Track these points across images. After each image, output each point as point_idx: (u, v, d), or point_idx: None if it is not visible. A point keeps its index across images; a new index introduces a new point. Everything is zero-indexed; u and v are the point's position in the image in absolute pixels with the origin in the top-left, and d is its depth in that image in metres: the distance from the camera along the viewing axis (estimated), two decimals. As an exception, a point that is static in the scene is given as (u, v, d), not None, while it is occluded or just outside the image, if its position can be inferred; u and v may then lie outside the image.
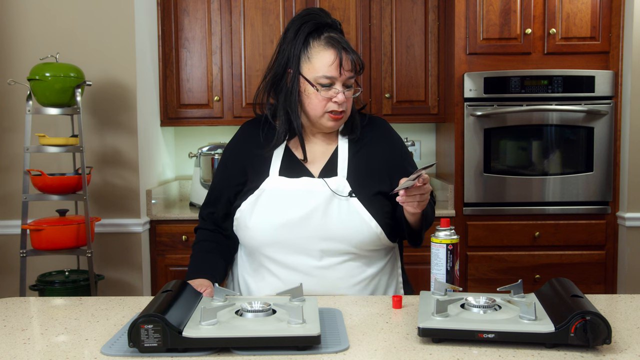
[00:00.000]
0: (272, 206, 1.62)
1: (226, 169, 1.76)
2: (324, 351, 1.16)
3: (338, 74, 1.60)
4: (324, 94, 1.61)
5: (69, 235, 2.66)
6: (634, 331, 1.28)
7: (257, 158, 1.70)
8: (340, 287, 1.63)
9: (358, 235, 1.61)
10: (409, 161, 1.79)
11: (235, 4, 3.41)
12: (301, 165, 1.68)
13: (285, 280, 1.62)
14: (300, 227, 1.60)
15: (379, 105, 3.45)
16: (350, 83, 1.64)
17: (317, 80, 1.61)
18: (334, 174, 1.66)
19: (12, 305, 1.53)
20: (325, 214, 1.60)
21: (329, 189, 1.61)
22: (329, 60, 1.60)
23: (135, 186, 3.06)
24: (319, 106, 1.63)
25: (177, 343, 1.14)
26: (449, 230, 1.55)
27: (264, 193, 1.64)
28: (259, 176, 1.67)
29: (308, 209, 1.60)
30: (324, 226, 1.59)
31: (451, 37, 3.25)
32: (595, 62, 3.17)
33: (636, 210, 3.15)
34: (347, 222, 1.60)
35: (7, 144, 3.04)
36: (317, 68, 1.60)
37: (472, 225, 3.18)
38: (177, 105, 3.46)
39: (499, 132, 3.17)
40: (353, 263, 1.64)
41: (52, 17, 3.00)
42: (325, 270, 1.62)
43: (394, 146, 1.76)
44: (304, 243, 1.60)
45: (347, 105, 1.65)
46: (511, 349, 1.17)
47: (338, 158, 1.68)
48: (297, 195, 1.62)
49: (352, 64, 1.62)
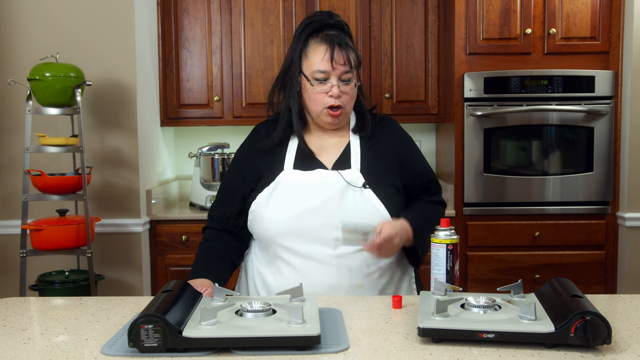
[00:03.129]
0: (287, 197, 1.66)
1: (240, 166, 1.80)
2: (324, 351, 1.16)
3: (330, 67, 1.65)
4: (319, 88, 1.66)
5: (69, 235, 2.66)
6: (634, 331, 1.28)
7: (270, 154, 1.75)
8: (356, 276, 1.65)
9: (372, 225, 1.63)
10: (420, 158, 1.84)
11: (235, 4, 3.41)
12: (315, 159, 1.72)
13: (301, 270, 1.64)
14: (315, 217, 1.63)
15: (379, 105, 3.45)
16: (347, 78, 1.67)
17: (312, 75, 1.67)
18: (347, 166, 1.71)
19: (12, 305, 1.53)
20: (340, 204, 1.64)
21: (343, 180, 1.66)
22: (322, 54, 1.66)
23: (135, 186, 3.06)
24: (317, 101, 1.68)
25: (177, 343, 1.14)
26: (449, 230, 1.55)
27: (279, 185, 1.68)
28: (273, 170, 1.71)
29: (323, 199, 1.64)
30: (338, 216, 1.62)
31: (451, 37, 3.25)
32: (595, 62, 3.17)
33: (636, 210, 3.15)
34: (362, 212, 1.64)
35: (7, 144, 3.04)
36: (312, 63, 1.67)
37: (472, 225, 3.19)
38: (177, 105, 3.46)
39: (499, 132, 3.17)
40: (367, 253, 1.64)
41: (52, 17, 3.00)
42: (341, 258, 1.64)
43: (404, 143, 1.81)
44: (318, 232, 1.63)
45: (344, 100, 1.68)
46: (511, 349, 1.17)
47: (351, 152, 1.73)
48: (312, 187, 1.66)
49: (346, 58, 1.65)
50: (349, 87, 1.68)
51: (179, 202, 3.72)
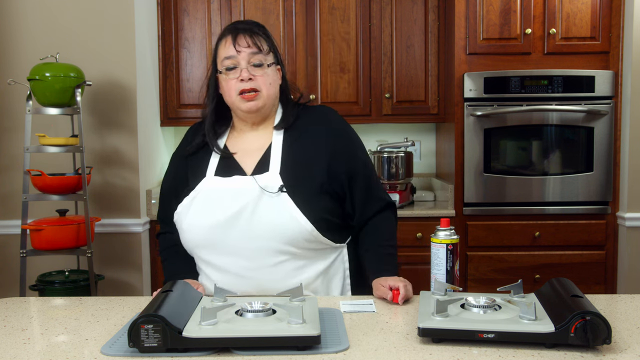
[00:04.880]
0: (205, 207, 1.61)
1: (171, 173, 1.78)
2: (324, 351, 1.16)
3: (235, 52, 1.63)
4: (228, 75, 1.64)
5: (69, 235, 2.66)
6: (634, 331, 1.28)
7: (196, 160, 1.71)
8: (275, 288, 1.55)
9: (287, 232, 1.56)
10: (357, 152, 1.72)
11: (235, 4, 3.41)
12: (236, 163, 1.67)
13: (218, 281, 1.58)
14: (229, 228, 1.57)
15: (379, 105, 3.45)
16: (257, 61, 1.64)
17: (222, 65, 1.65)
18: (267, 170, 1.62)
19: (12, 305, 1.53)
20: (254, 212, 1.57)
21: (258, 186, 1.58)
22: (225, 42, 1.66)
23: (135, 186, 3.06)
24: (229, 89, 1.65)
25: (177, 343, 1.14)
26: (449, 230, 1.55)
27: (199, 194, 1.63)
28: (196, 177, 1.66)
29: (236, 208, 1.57)
30: (252, 225, 1.56)
31: (451, 37, 3.25)
32: (595, 62, 3.17)
33: (636, 210, 3.15)
34: (276, 219, 1.56)
35: (7, 144, 3.04)
36: (220, 54, 1.67)
37: (472, 225, 3.18)
38: (177, 105, 3.46)
39: (499, 132, 3.17)
40: (291, 264, 1.59)
41: (52, 17, 3.00)
42: (257, 271, 1.58)
43: (335, 134, 1.69)
44: (233, 244, 1.58)
45: (259, 83, 1.63)
46: (511, 349, 1.17)
47: (271, 153, 1.65)
48: (228, 195, 1.59)
49: (250, 41, 1.63)
50: (261, 70, 1.63)
51: (179, 202, 3.71)
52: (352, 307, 1.47)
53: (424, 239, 3.15)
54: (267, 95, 1.65)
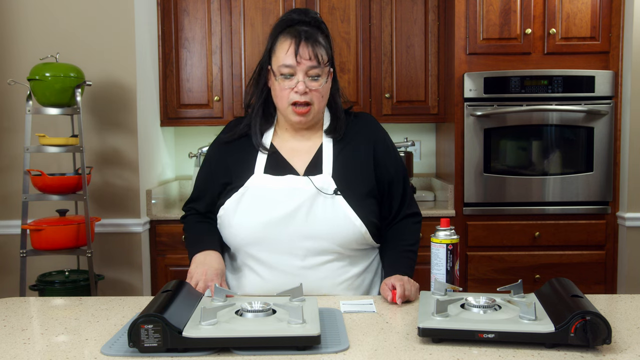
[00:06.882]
0: (256, 204, 1.61)
1: (210, 166, 1.75)
2: (324, 351, 1.16)
3: (295, 62, 1.58)
4: (284, 83, 1.61)
5: (69, 235, 2.66)
6: (634, 331, 1.28)
7: (242, 156, 1.70)
8: (323, 287, 1.61)
9: (342, 233, 1.59)
10: (396, 157, 1.76)
11: (235, 4, 3.41)
12: (286, 163, 1.67)
13: (268, 279, 1.61)
14: (284, 226, 1.58)
15: (379, 105, 3.45)
16: (315, 74, 1.60)
17: (279, 70, 1.61)
18: (319, 171, 1.64)
19: (12, 305, 1.53)
20: (310, 212, 1.58)
21: (314, 186, 1.60)
22: (286, 48, 1.60)
23: (135, 186, 3.06)
24: (282, 98, 1.63)
25: (177, 343, 1.14)
26: (449, 230, 1.55)
27: (248, 191, 1.63)
28: (243, 174, 1.66)
29: (292, 207, 1.58)
30: (308, 224, 1.58)
31: (451, 37, 3.25)
32: (595, 62, 3.17)
33: (636, 210, 3.15)
34: (332, 220, 1.59)
35: (7, 144, 3.04)
36: (278, 58, 1.62)
37: (472, 225, 3.18)
38: (177, 105, 3.46)
39: (499, 132, 3.17)
40: (337, 263, 1.62)
41: (52, 17, 3.00)
42: (308, 270, 1.60)
43: (380, 141, 1.74)
44: (287, 242, 1.59)
45: (312, 97, 1.62)
46: (511, 349, 1.17)
47: (323, 156, 1.66)
48: (282, 194, 1.60)
49: (312, 53, 1.59)
50: (317, 84, 1.61)
51: (179, 202, 3.72)
52: (352, 307, 1.47)
53: (424, 239, 3.14)
54: (318, 109, 1.65)
